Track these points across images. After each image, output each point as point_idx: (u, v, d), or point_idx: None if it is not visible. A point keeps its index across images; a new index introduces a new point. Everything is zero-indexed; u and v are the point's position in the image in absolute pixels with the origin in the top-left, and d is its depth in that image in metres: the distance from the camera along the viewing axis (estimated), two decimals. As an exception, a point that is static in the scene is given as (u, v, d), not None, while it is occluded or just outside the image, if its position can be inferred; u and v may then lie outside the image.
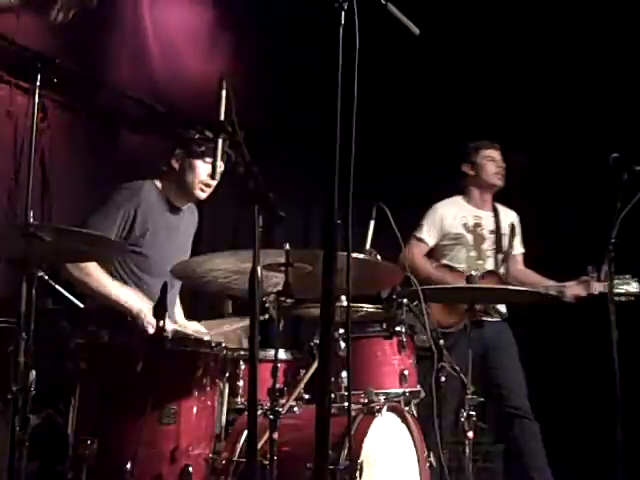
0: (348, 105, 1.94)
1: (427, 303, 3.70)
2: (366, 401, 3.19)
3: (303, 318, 4.26)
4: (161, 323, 2.74)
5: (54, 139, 4.42)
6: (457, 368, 3.68)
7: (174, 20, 5.09)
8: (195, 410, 2.82)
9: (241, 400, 3.18)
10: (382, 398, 3.28)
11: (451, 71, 6.00)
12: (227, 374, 3.04)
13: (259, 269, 2.33)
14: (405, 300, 3.51)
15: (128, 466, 2.63)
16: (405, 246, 4.57)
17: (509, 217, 4.87)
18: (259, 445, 2.74)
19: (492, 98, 6.06)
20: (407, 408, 3.37)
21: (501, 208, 4.90)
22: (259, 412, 2.82)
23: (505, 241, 4.78)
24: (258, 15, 5.22)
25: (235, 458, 2.91)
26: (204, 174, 3.64)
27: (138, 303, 3.43)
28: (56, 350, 3.15)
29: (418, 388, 3.52)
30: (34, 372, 2.69)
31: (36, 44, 4.02)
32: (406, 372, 3.43)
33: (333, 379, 3.26)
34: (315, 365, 3.16)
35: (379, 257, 3.46)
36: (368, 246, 3.81)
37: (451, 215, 4.81)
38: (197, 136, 3.62)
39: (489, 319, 4.63)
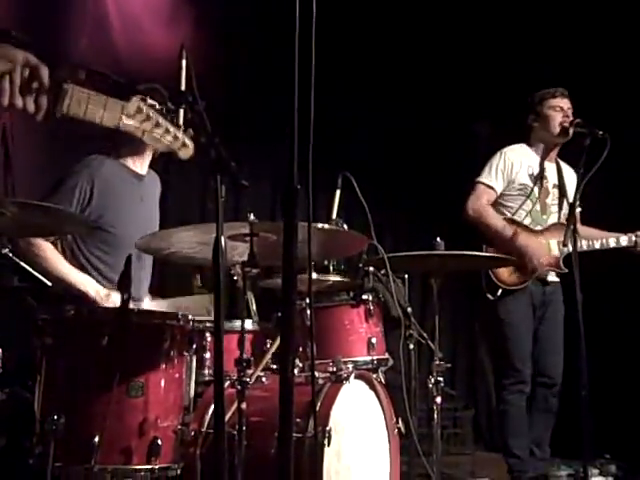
0: (307, 73, 1.92)
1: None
2: (334, 369, 3.20)
3: (273, 290, 4.27)
4: (125, 296, 2.72)
5: (15, 114, 4.34)
6: (425, 335, 3.71)
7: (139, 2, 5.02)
8: (163, 383, 2.81)
9: (209, 372, 3.18)
10: (350, 366, 3.30)
11: (413, 41, 5.98)
12: (194, 346, 3.03)
13: (223, 239, 2.32)
14: (372, 268, 3.52)
15: (96, 440, 2.61)
16: (472, 194, 4.51)
17: (570, 173, 4.63)
18: (227, 416, 2.76)
19: (454, 68, 6.06)
20: (375, 375, 3.38)
21: (563, 163, 4.69)
22: (227, 383, 2.85)
23: (569, 196, 4.52)
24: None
25: (204, 429, 2.90)
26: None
27: (93, 287, 3.42)
28: (22, 327, 3.13)
29: (386, 356, 3.55)
30: (0, 349, 2.67)
31: (-9, 17, 3.95)
32: (374, 340, 3.45)
33: (301, 348, 3.28)
34: (281, 335, 3.16)
35: (345, 227, 3.47)
36: (334, 216, 3.82)
37: (519, 162, 4.58)
38: (160, 107, 3.58)
39: (553, 279, 4.52)
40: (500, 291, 4.45)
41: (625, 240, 4.53)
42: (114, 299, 3.38)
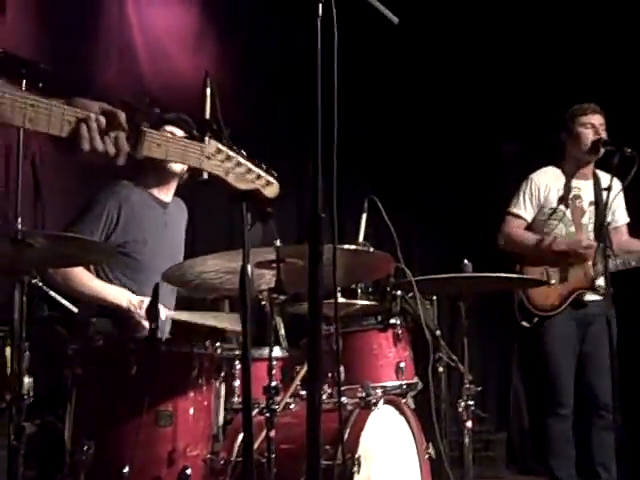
0: (331, 97, 1.93)
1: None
2: (363, 395, 3.18)
3: (302, 315, 4.26)
4: (154, 325, 2.73)
5: (44, 144, 4.40)
6: (454, 358, 3.68)
7: (160, 20, 5.08)
8: (191, 411, 2.81)
9: (238, 399, 3.17)
10: (379, 391, 3.27)
11: (440, 62, 5.98)
12: (223, 374, 3.03)
13: (249, 267, 2.32)
14: (399, 292, 3.51)
15: (126, 470, 2.62)
16: (502, 224, 4.49)
17: (613, 184, 4.18)
18: (256, 444, 2.75)
19: (483, 89, 6.04)
20: (404, 400, 3.35)
21: (603, 176, 4.51)
22: (255, 411, 2.85)
23: (604, 213, 4.28)
24: (240, 14, 5.21)
25: (233, 458, 2.89)
26: None
27: (125, 297, 3.45)
28: (53, 356, 3.15)
29: (415, 380, 3.52)
30: (31, 379, 2.69)
31: (20, 49, 4.00)
32: (402, 364, 3.43)
33: (330, 374, 3.26)
34: (310, 361, 3.15)
35: (371, 249, 3.46)
36: (361, 239, 3.81)
37: (547, 187, 4.51)
38: (185, 134, 3.60)
39: (591, 298, 4.40)
40: (536, 318, 4.40)
41: None
42: (146, 303, 3.39)
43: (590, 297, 4.43)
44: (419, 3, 5.47)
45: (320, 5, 1.85)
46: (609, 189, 4.05)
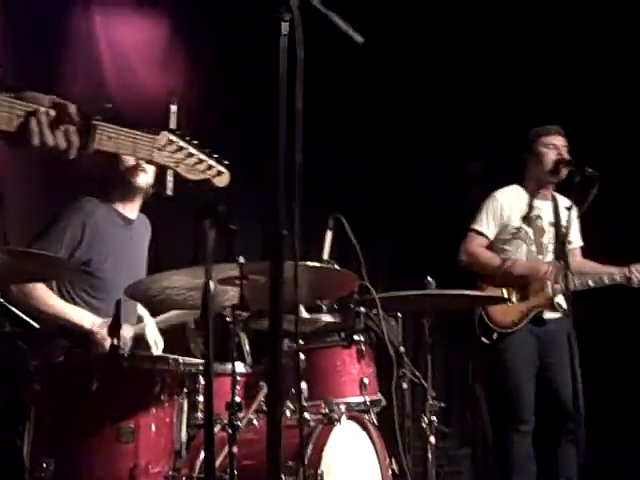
0: (294, 114, 1.95)
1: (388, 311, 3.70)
2: (326, 411, 3.18)
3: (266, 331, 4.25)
4: (115, 341, 2.72)
5: (7, 158, 4.37)
6: (418, 374, 3.70)
7: (127, 36, 5.07)
8: (153, 427, 2.80)
9: (201, 415, 3.16)
10: (342, 407, 3.28)
11: (405, 80, 6.03)
12: (185, 389, 3.02)
13: (212, 284, 2.33)
14: (362, 309, 3.53)
15: (86, 487, 2.60)
16: (464, 241, 4.53)
17: (568, 208, 4.27)
18: (218, 460, 2.74)
19: (448, 107, 6.10)
20: (368, 416, 3.36)
21: (560, 198, 4.59)
22: (218, 427, 2.84)
23: (566, 233, 4.32)
24: (206, 29, 5.22)
25: (195, 474, 2.88)
26: (130, 159, 3.58)
27: (89, 319, 3.42)
28: (12, 372, 3.12)
29: (379, 396, 3.53)
30: (-10, 395, 2.66)
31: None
32: (366, 380, 3.44)
33: (293, 390, 3.26)
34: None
35: (336, 266, 3.47)
36: (326, 256, 3.82)
37: (510, 206, 4.55)
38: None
39: (551, 316, 4.44)
40: (496, 335, 4.43)
41: (618, 276, 4.49)
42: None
43: (550, 315, 4.48)
44: (386, 22, 5.53)
45: (283, 24, 1.87)
46: (570, 208, 4.11)
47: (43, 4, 4.65)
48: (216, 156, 2.32)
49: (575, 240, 4.68)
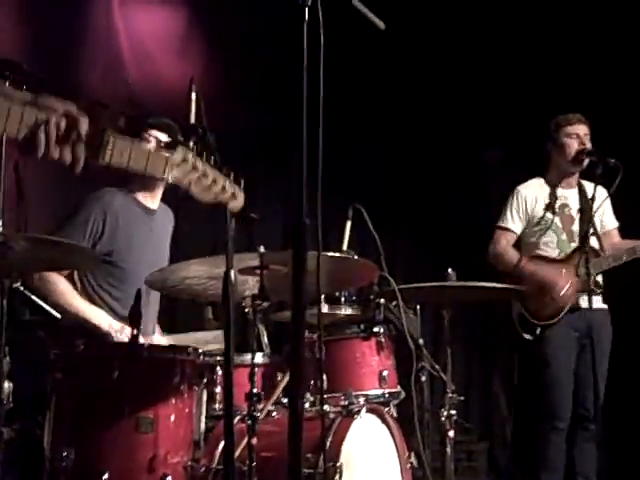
0: (316, 103, 1.93)
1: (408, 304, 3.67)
2: (346, 403, 3.17)
3: (285, 323, 4.25)
4: (135, 331, 2.72)
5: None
6: (437, 367, 3.68)
7: (146, 26, 5.06)
8: (173, 418, 2.79)
9: (220, 406, 3.15)
10: (362, 400, 3.27)
11: (424, 70, 5.99)
12: (205, 380, 3.01)
13: (232, 273, 2.31)
14: (382, 300, 3.50)
15: (105, 476, 2.60)
16: (492, 240, 4.48)
17: (599, 191, 4.30)
18: (237, 451, 2.73)
19: (466, 96, 6.05)
20: (387, 409, 3.35)
21: (587, 185, 4.51)
22: (237, 418, 2.83)
23: (590, 218, 4.35)
24: (228, 17, 5.20)
25: (214, 465, 2.87)
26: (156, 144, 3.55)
27: (107, 321, 3.42)
28: (33, 362, 3.12)
29: (398, 389, 3.52)
30: (10, 384, 2.66)
31: (3, 50, 3.98)
32: (385, 373, 3.42)
33: (312, 382, 3.25)
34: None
35: (356, 257, 3.45)
36: (345, 247, 3.81)
37: (534, 198, 4.52)
38: (170, 140, 3.59)
39: (592, 305, 4.25)
40: (539, 329, 4.37)
41: None
42: (127, 333, 3.37)
43: (587, 304, 4.40)
44: (404, 11, 5.49)
45: (306, 9, 1.85)
46: (593, 199, 4.07)
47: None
48: (232, 175, 2.24)
49: (609, 222, 4.60)
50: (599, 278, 4.39)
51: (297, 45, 1.86)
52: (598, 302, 4.42)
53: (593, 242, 4.41)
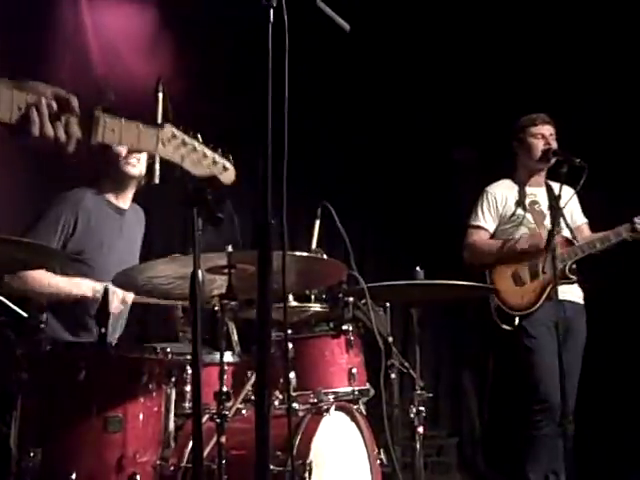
0: (281, 103, 1.94)
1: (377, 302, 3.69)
2: (315, 401, 3.19)
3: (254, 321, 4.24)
4: (103, 330, 2.71)
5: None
6: (406, 364, 3.70)
7: (114, 22, 5.04)
8: (141, 417, 2.79)
9: (189, 405, 3.14)
10: (331, 397, 3.28)
11: (392, 67, 6.00)
12: (173, 379, 3.01)
13: (200, 272, 2.31)
14: (351, 298, 3.52)
15: (73, 476, 2.60)
16: (464, 238, 4.51)
17: (565, 190, 4.28)
18: (207, 450, 2.73)
19: (436, 95, 6.08)
20: (356, 406, 3.36)
21: (554, 185, 4.53)
22: (206, 416, 2.83)
23: (566, 215, 4.49)
24: (195, 17, 5.19)
25: (183, 464, 2.87)
26: (122, 149, 3.59)
27: (89, 288, 3.42)
28: (0, 361, 3.10)
29: (367, 386, 3.53)
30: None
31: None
32: (354, 370, 3.44)
33: (281, 380, 3.26)
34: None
35: (325, 257, 3.46)
36: (314, 246, 3.81)
37: (503, 196, 4.58)
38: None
39: (569, 298, 4.41)
40: (517, 319, 4.41)
41: (623, 230, 4.41)
42: (117, 292, 3.40)
43: (567, 297, 4.43)
44: (375, 8, 5.51)
45: (271, 10, 1.86)
46: (559, 197, 4.12)
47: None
48: (221, 151, 2.28)
49: (578, 218, 4.68)
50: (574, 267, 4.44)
51: (262, 45, 1.87)
52: (574, 295, 4.48)
53: (566, 233, 4.52)
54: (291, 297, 3.51)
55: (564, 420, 4.22)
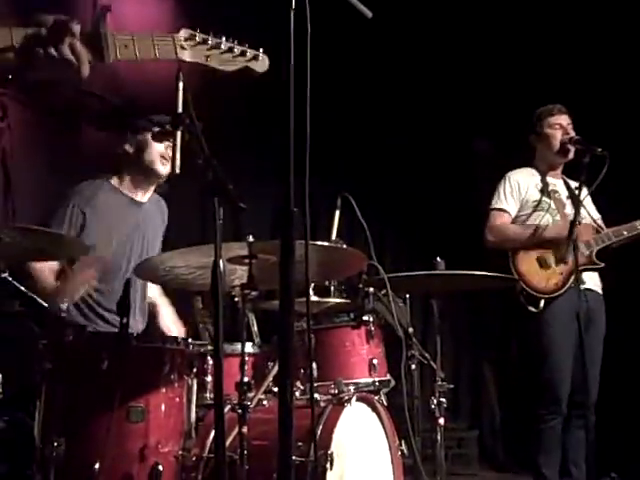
0: (303, 95, 1.93)
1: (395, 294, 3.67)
2: (336, 392, 3.18)
3: (274, 312, 4.24)
4: (125, 320, 2.72)
5: (15, 138, 4.35)
6: (427, 355, 3.69)
7: (133, 13, 5.04)
8: (163, 407, 2.80)
9: (210, 395, 3.16)
10: (352, 388, 3.27)
11: (413, 60, 5.99)
12: (195, 369, 3.01)
13: (221, 262, 2.31)
14: (371, 289, 3.51)
15: (97, 466, 2.61)
16: (487, 221, 4.46)
17: (577, 188, 4.33)
18: (229, 440, 2.74)
19: (455, 87, 6.06)
20: (377, 397, 3.35)
21: (571, 182, 4.58)
22: (228, 407, 2.84)
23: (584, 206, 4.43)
24: (212, 5, 5.18)
25: (205, 454, 2.87)
26: (162, 147, 3.60)
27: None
28: (23, 352, 3.12)
29: (388, 377, 3.52)
30: (0, 375, 2.66)
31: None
32: (375, 361, 3.43)
33: (302, 371, 3.26)
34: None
35: (344, 246, 3.45)
36: (334, 236, 3.80)
37: (525, 182, 4.55)
38: (158, 130, 3.57)
39: (590, 287, 4.38)
40: (543, 301, 4.35)
41: (638, 223, 4.39)
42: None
43: (591, 285, 4.41)
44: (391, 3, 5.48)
45: (293, -1, 1.84)
46: (580, 187, 4.10)
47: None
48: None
49: (594, 214, 4.62)
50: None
51: (284, 33, 1.86)
52: (595, 285, 4.45)
53: (589, 221, 4.48)
54: (311, 291, 3.50)
55: (586, 411, 4.23)
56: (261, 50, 2.18)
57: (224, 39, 2.09)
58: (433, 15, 5.88)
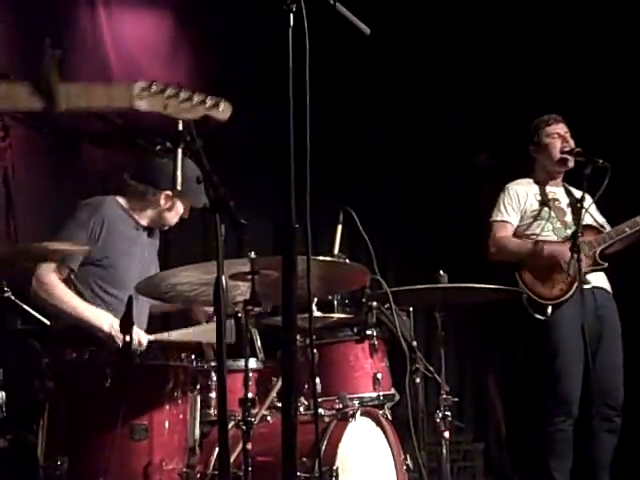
0: (303, 108, 1.93)
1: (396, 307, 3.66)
2: (340, 406, 3.17)
3: (278, 327, 4.23)
4: (127, 338, 2.71)
5: (16, 157, 4.36)
6: (431, 369, 3.68)
7: (132, 33, 5.06)
8: (167, 424, 2.79)
9: (214, 412, 3.15)
10: (356, 403, 3.27)
11: (413, 73, 5.99)
12: (198, 386, 3.01)
13: (224, 279, 2.31)
14: (375, 303, 3.51)
15: (100, 485, 2.60)
16: (490, 234, 4.45)
17: (585, 197, 4.31)
18: (233, 457, 2.73)
19: (457, 103, 6.06)
20: (382, 412, 3.34)
21: (573, 190, 4.56)
22: (231, 423, 2.83)
23: (582, 219, 4.32)
24: (214, 23, 5.20)
25: (209, 471, 2.87)
26: (184, 210, 3.72)
27: (107, 321, 3.38)
28: (25, 370, 3.11)
29: (392, 391, 3.52)
30: (3, 394, 2.66)
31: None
32: (379, 375, 3.42)
33: (306, 386, 3.25)
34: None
35: (348, 261, 3.45)
36: (336, 250, 3.81)
37: (525, 192, 4.54)
38: (159, 148, 3.58)
39: (598, 285, 4.35)
40: (550, 308, 4.33)
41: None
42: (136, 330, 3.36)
43: (598, 283, 4.38)
44: (391, 12, 5.50)
45: (291, 15, 1.85)
46: (583, 198, 4.09)
47: (48, 1, 4.65)
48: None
49: (598, 219, 4.59)
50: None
51: (282, 49, 1.87)
52: (603, 283, 4.42)
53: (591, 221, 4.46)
54: (314, 306, 3.50)
55: (613, 414, 4.20)
56: (222, 99, 2.14)
57: (180, 88, 2.03)
58: (433, 27, 5.89)
